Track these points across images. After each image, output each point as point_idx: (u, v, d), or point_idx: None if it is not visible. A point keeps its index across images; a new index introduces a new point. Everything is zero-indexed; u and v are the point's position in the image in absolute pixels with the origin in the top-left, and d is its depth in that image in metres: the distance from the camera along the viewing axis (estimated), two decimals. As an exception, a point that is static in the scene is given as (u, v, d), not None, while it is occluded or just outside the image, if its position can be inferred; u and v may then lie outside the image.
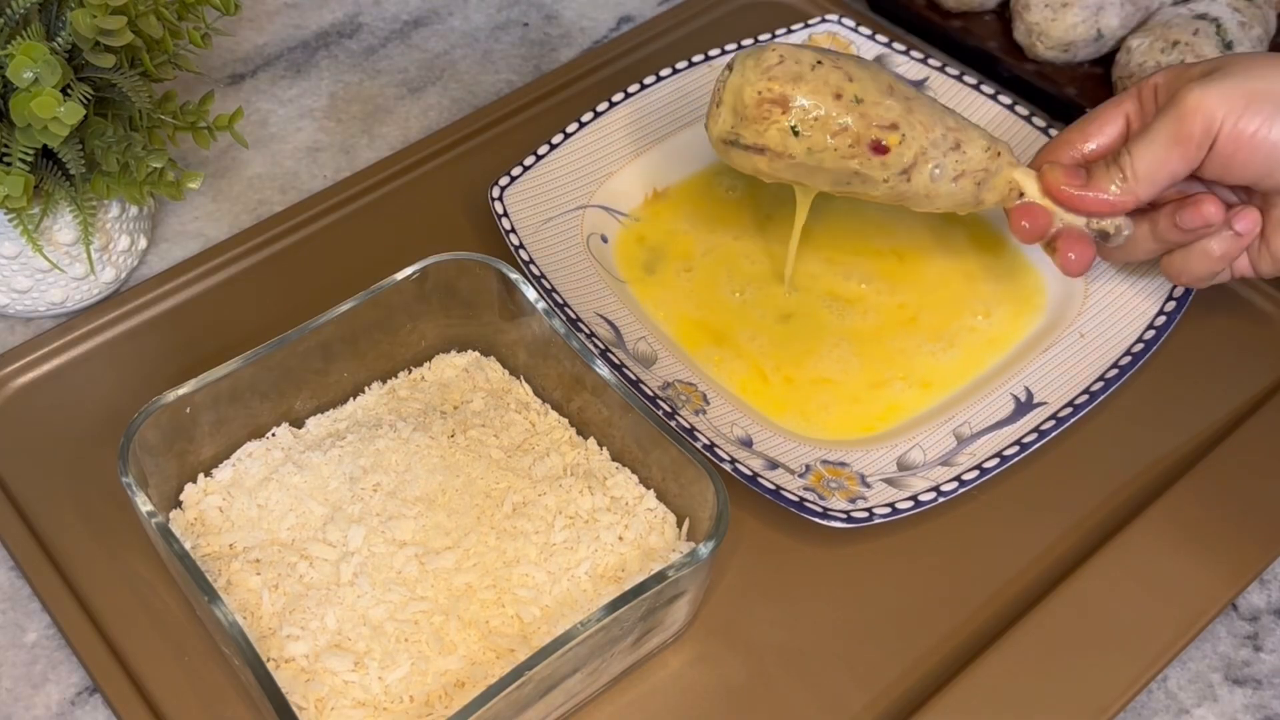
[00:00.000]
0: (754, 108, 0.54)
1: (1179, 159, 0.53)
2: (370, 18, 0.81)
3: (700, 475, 0.49)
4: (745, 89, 0.54)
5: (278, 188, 0.71)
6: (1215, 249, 0.56)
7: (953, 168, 0.56)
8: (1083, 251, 0.56)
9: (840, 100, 0.54)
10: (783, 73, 0.54)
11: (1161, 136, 0.53)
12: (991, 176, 0.56)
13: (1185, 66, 0.55)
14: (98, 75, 0.56)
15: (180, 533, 0.52)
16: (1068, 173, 0.56)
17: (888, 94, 0.55)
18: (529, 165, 0.65)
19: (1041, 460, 0.57)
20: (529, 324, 0.56)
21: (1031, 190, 0.57)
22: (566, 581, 0.51)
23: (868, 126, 0.54)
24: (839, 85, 0.54)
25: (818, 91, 0.54)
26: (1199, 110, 0.52)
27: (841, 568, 0.55)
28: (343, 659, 0.48)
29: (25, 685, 0.52)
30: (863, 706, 0.51)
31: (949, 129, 0.56)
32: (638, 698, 0.51)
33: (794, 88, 0.54)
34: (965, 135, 0.56)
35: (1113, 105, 0.57)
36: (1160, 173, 0.54)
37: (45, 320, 0.64)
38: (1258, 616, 0.55)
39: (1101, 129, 0.57)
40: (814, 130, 0.54)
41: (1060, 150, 0.58)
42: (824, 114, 0.54)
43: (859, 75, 0.55)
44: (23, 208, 0.56)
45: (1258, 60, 0.53)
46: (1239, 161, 0.53)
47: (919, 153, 0.55)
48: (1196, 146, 0.53)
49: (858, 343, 0.61)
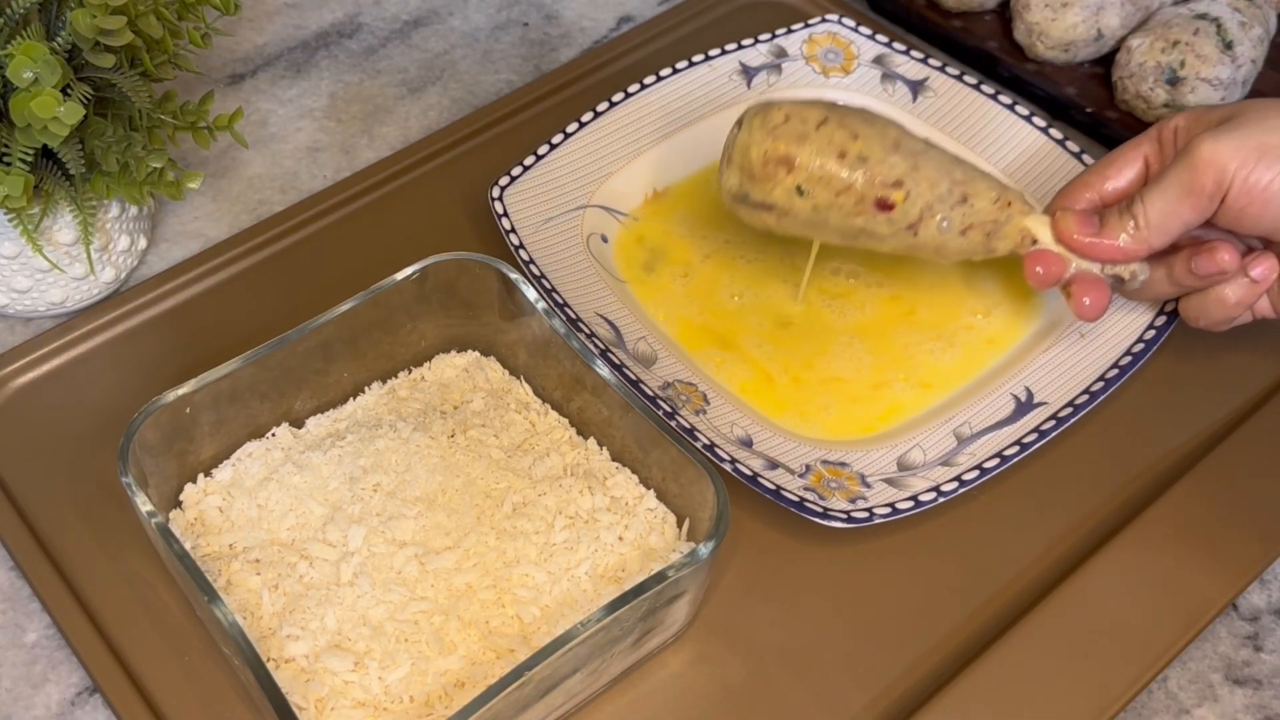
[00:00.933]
0: (760, 167, 0.55)
1: (1190, 210, 0.53)
2: (370, 18, 0.81)
3: (700, 475, 0.49)
4: (752, 148, 0.55)
5: (278, 188, 0.71)
6: (1231, 296, 0.56)
7: (960, 221, 0.56)
8: (1098, 297, 0.56)
9: (844, 159, 0.54)
10: (788, 132, 0.55)
11: (1174, 187, 0.53)
12: (1002, 226, 0.57)
13: (1204, 110, 0.56)
14: (98, 75, 0.56)
15: (180, 533, 0.52)
16: (1080, 220, 0.56)
17: (893, 150, 0.55)
18: (529, 165, 0.65)
19: (1042, 460, 0.57)
20: (529, 324, 0.56)
21: (1045, 237, 0.57)
22: (566, 581, 0.51)
23: (872, 184, 0.55)
24: (843, 144, 0.55)
25: (822, 151, 0.54)
26: (1211, 163, 0.52)
27: (841, 568, 0.55)
28: (343, 659, 0.48)
29: (25, 685, 0.52)
30: (863, 706, 0.51)
31: (956, 182, 0.56)
32: (638, 698, 0.51)
33: (799, 148, 0.54)
34: (973, 188, 0.56)
35: (1132, 147, 0.58)
36: (1172, 222, 0.54)
37: (45, 320, 0.64)
38: (1258, 617, 0.55)
39: (1120, 171, 0.58)
40: (818, 189, 0.55)
41: (1077, 193, 0.58)
42: (828, 173, 0.55)
43: (864, 133, 0.55)
44: (23, 208, 0.56)
45: (1273, 110, 0.53)
46: (1251, 215, 0.53)
47: (924, 208, 0.55)
48: (1208, 199, 0.53)
49: (867, 339, 0.61)
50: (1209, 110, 0.55)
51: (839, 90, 0.70)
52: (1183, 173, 0.53)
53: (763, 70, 0.71)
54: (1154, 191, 0.54)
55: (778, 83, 0.71)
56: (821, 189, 0.55)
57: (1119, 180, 0.57)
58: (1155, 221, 0.54)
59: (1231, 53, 0.69)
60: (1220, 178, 0.52)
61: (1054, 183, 0.66)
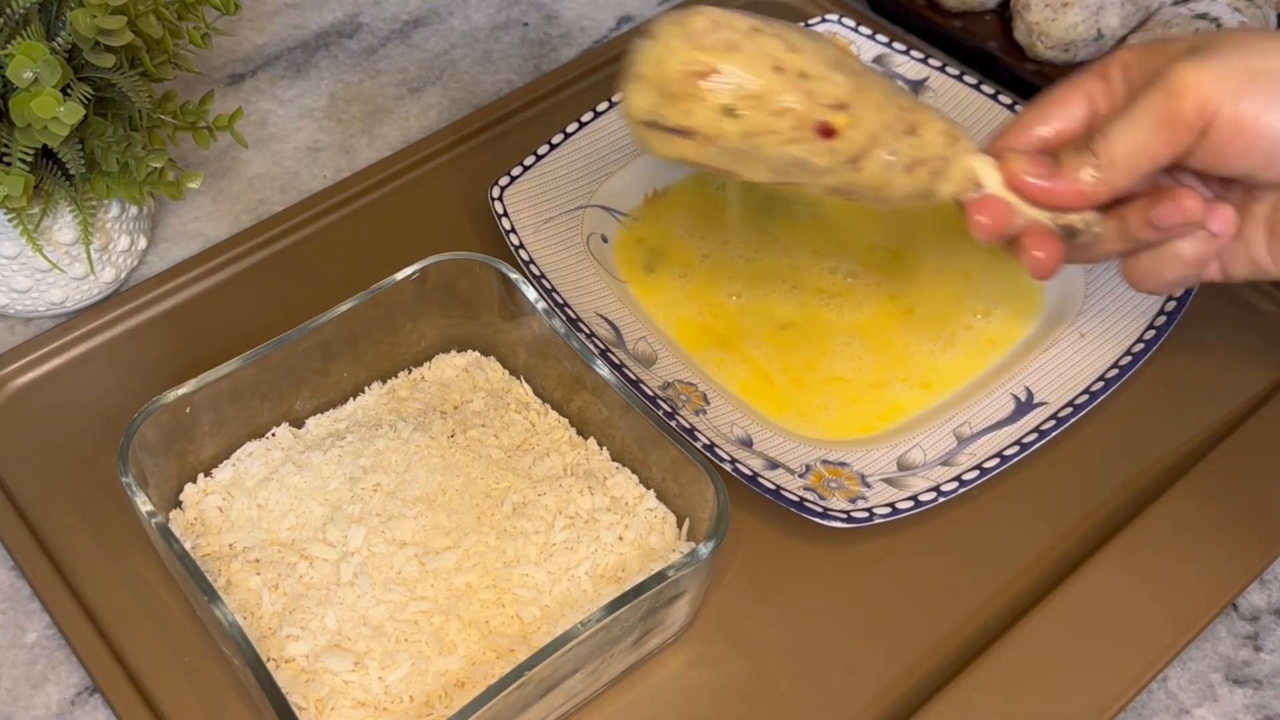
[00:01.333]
0: (679, 83, 0.45)
1: (1164, 143, 0.46)
2: (370, 18, 0.81)
3: (700, 475, 0.49)
4: (669, 60, 0.46)
5: (278, 188, 0.71)
6: (1188, 252, 0.49)
7: (906, 154, 0.48)
8: (1052, 249, 0.49)
9: (782, 74, 0.45)
10: (714, 41, 0.45)
11: (1145, 118, 0.46)
12: (948, 165, 0.48)
13: (1163, 42, 0.48)
14: (98, 75, 0.56)
15: (180, 533, 0.52)
16: (1033, 161, 0.48)
17: (835, 68, 0.47)
18: (529, 165, 0.65)
19: (1042, 460, 0.57)
20: (529, 324, 0.56)
21: (991, 181, 0.49)
22: (566, 581, 0.51)
23: (813, 105, 0.46)
24: (780, 57, 0.45)
25: (755, 64, 0.45)
26: (1193, 88, 0.45)
27: (842, 568, 0.55)
28: (343, 659, 0.48)
29: (25, 685, 0.52)
30: (863, 706, 0.51)
31: (903, 109, 0.48)
32: (638, 698, 0.51)
33: (728, 58, 0.45)
34: (920, 117, 0.48)
35: (1073, 85, 0.50)
36: (1141, 158, 0.46)
37: (45, 320, 0.64)
38: (1258, 616, 0.55)
39: (1061, 110, 0.50)
40: (751, 110, 0.46)
41: (1017, 135, 0.50)
42: (763, 90, 0.45)
43: (803, 46, 0.47)
44: (22, 208, 0.56)
45: (1253, 36, 0.46)
46: (1236, 149, 0.45)
47: (869, 137, 0.47)
48: (1187, 129, 0.45)
49: (866, 338, 0.61)
50: (1169, 41, 0.48)
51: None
52: (1157, 101, 0.45)
53: (763, 70, 0.71)
54: (1120, 124, 0.46)
55: (778, 83, 0.71)
56: (755, 109, 0.45)
57: (1059, 121, 0.49)
58: (1121, 158, 0.46)
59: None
60: (1202, 106, 0.45)
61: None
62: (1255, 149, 0.45)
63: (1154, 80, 0.46)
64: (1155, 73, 0.46)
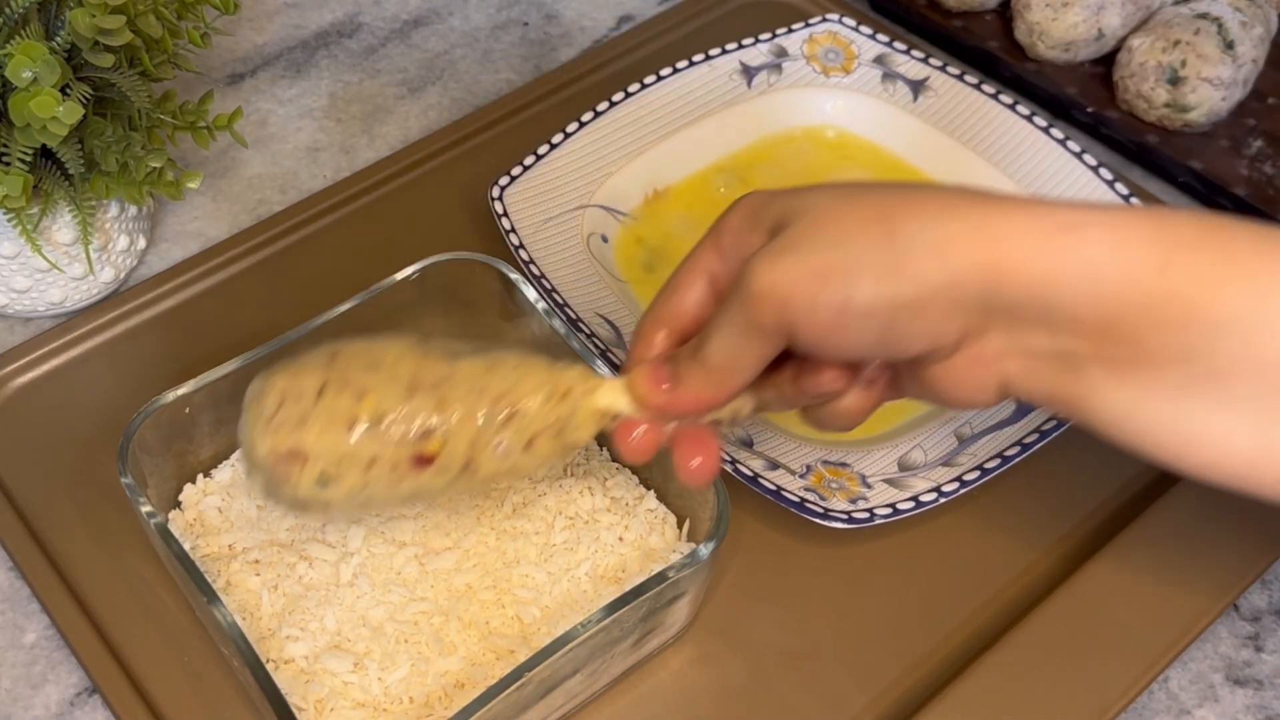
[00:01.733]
0: (272, 468, 0.45)
1: (759, 348, 0.43)
2: (370, 17, 0.81)
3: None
4: (257, 447, 0.45)
5: (277, 188, 0.71)
6: (851, 405, 0.46)
7: (517, 439, 0.46)
8: (708, 454, 0.46)
9: (358, 428, 0.44)
10: (286, 419, 0.44)
11: (732, 328, 0.43)
12: (572, 417, 0.46)
13: (761, 203, 0.45)
14: (97, 75, 0.56)
15: (179, 533, 0.52)
16: (651, 376, 0.45)
17: (410, 393, 0.45)
18: (529, 165, 0.65)
19: (1043, 461, 0.57)
20: (529, 324, 0.56)
21: (625, 406, 0.46)
22: (566, 582, 0.50)
23: (399, 447, 0.44)
24: (350, 411, 0.44)
25: (329, 429, 0.44)
26: (768, 297, 0.42)
27: (842, 568, 0.55)
28: (342, 660, 0.48)
29: (24, 686, 0.52)
30: (863, 707, 0.51)
31: (496, 399, 0.45)
32: (638, 698, 0.51)
33: (303, 434, 0.44)
34: (516, 395, 0.45)
35: (692, 265, 0.47)
36: (744, 363, 0.44)
37: (44, 320, 0.64)
38: (1259, 617, 0.55)
39: (685, 297, 0.47)
40: (344, 472, 0.45)
41: (649, 335, 0.47)
42: (345, 453, 0.44)
43: (371, 383, 0.45)
44: (22, 207, 0.56)
45: (833, 215, 0.42)
46: (831, 345, 0.43)
47: (470, 443, 0.45)
48: (774, 336, 0.43)
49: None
50: (767, 203, 0.45)
51: (839, 90, 0.70)
52: (740, 310, 0.43)
53: (763, 70, 0.71)
54: (716, 331, 0.44)
55: (778, 82, 0.71)
56: (346, 471, 0.44)
57: (686, 306, 0.47)
58: (725, 366, 0.44)
59: (1232, 52, 0.69)
60: (780, 313, 0.42)
61: (1054, 183, 0.66)
62: (846, 343, 0.43)
63: (739, 280, 0.43)
64: (744, 261, 0.43)
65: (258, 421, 0.45)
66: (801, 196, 0.43)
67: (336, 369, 0.45)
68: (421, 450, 0.44)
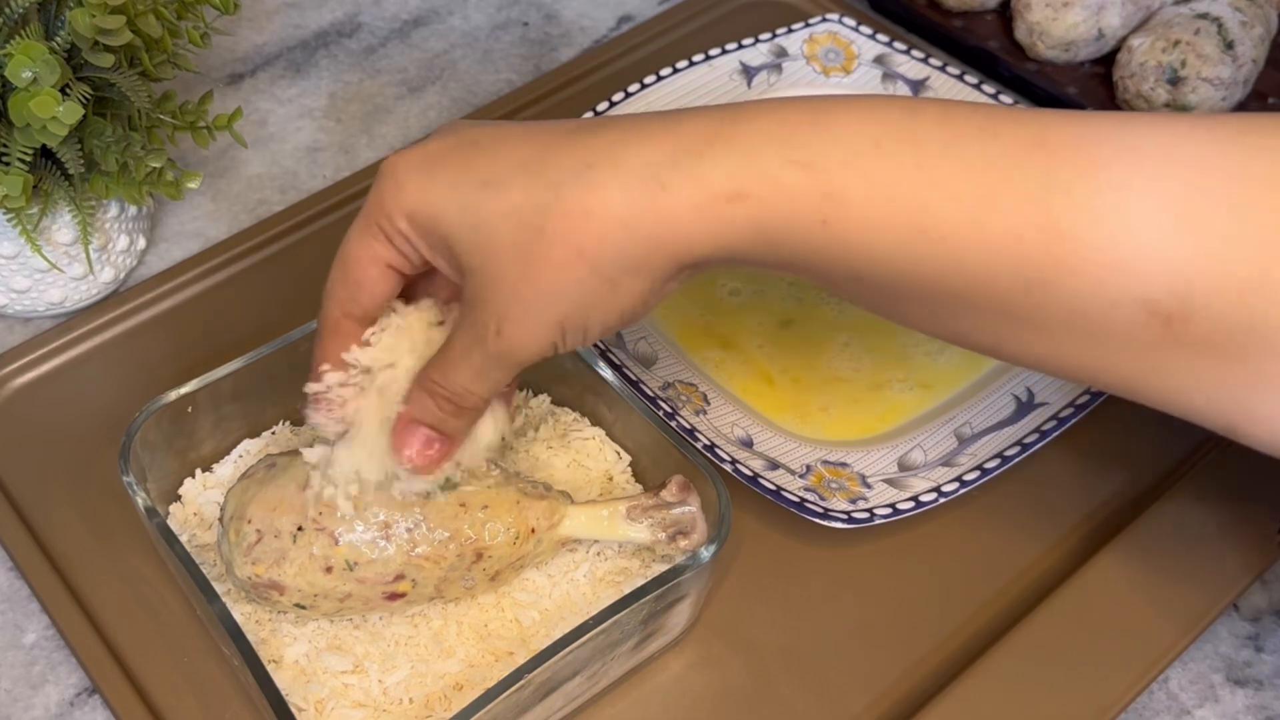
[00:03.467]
0: (254, 590, 0.48)
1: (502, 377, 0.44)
2: (370, 17, 0.81)
3: (701, 477, 0.49)
4: (236, 568, 0.48)
5: (277, 187, 0.71)
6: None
7: (483, 575, 0.49)
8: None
9: (333, 573, 0.47)
10: (264, 553, 0.47)
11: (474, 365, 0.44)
12: (537, 551, 0.49)
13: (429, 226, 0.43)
14: (97, 75, 0.56)
15: (179, 527, 0.52)
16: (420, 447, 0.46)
17: (383, 539, 0.47)
18: (529, 165, 0.65)
19: (1043, 461, 0.57)
20: (529, 324, 0.55)
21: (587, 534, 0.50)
22: (566, 585, 0.50)
23: (374, 588, 0.47)
24: (326, 555, 0.47)
25: (305, 570, 0.47)
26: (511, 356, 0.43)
27: (842, 569, 0.55)
28: (342, 660, 0.48)
29: (24, 686, 0.52)
30: (864, 707, 0.51)
31: (464, 543, 0.48)
32: (639, 700, 0.51)
33: (280, 570, 0.47)
34: (484, 538, 0.48)
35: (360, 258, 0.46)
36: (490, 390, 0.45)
37: (44, 320, 0.64)
38: (1259, 617, 0.55)
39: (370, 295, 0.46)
40: (320, 602, 0.48)
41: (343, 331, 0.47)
42: (322, 590, 0.47)
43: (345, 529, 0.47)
44: (21, 207, 0.56)
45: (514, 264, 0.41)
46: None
47: (440, 580, 0.48)
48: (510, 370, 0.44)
49: (867, 338, 0.61)
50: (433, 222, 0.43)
51: (840, 90, 0.70)
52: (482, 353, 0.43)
53: (763, 70, 0.71)
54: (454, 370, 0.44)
55: (778, 82, 0.71)
56: (323, 601, 0.48)
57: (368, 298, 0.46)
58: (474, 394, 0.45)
59: (1232, 52, 0.69)
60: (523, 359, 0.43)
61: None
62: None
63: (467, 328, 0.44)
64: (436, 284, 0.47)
65: (236, 548, 0.48)
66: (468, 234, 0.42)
67: (315, 508, 0.47)
68: (393, 590, 0.48)
